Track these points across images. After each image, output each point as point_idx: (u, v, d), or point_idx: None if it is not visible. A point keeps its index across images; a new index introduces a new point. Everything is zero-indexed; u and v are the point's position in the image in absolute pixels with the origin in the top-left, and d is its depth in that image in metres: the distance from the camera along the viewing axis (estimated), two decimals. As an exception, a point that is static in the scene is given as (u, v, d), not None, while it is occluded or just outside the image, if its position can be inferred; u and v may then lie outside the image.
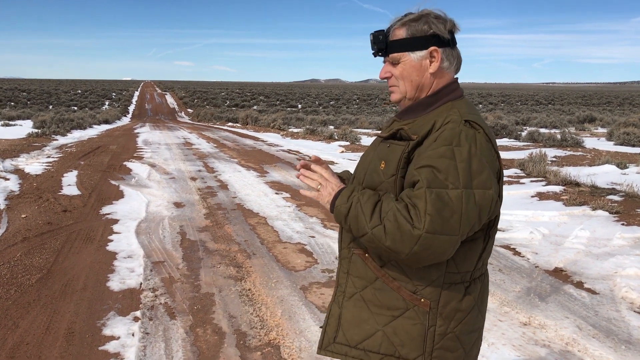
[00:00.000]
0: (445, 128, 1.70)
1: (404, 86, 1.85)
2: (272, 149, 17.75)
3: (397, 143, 1.79)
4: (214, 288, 5.06)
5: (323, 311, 4.54)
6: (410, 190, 1.66)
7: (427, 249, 1.61)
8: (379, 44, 1.84)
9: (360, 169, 1.91)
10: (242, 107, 55.71)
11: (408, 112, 1.87)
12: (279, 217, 7.88)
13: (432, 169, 1.63)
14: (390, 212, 1.63)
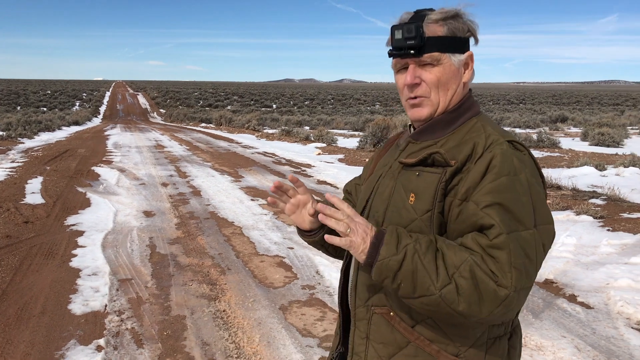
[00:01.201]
0: (494, 153, 1.38)
1: (438, 97, 1.50)
2: (247, 151, 17.35)
3: (431, 170, 1.44)
4: (185, 309, 4.68)
5: (304, 334, 4.20)
6: (480, 236, 1.33)
7: (508, 308, 1.31)
8: (416, 39, 1.44)
9: (377, 203, 1.54)
10: (215, 107, 55.07)
11: (427, 131, 1.53)
12: (255, 226, 7.51)
13: (503, 208, 1.33)
14: (464, 267, 1.30)
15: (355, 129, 27.21)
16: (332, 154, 16.13)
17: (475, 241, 1.33)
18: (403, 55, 1.48)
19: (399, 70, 1.54)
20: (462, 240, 1.35)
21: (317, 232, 1.72)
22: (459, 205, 1.38)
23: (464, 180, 1.39)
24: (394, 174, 1.54)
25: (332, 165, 13.60)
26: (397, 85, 1.56)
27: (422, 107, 1.51)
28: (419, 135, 1.54)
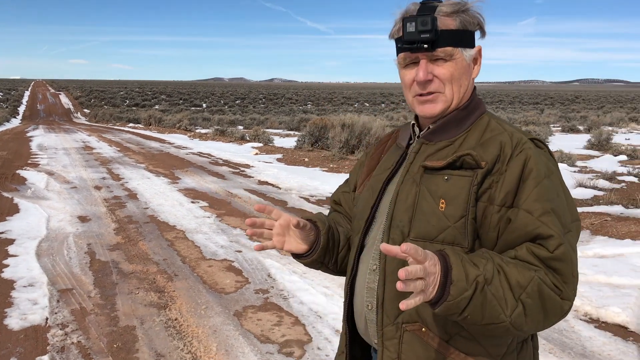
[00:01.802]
0: (527, 154, 1.33)
1: (452, 93, 1.42)
2: (180, 151, 16.92)
3: (461, 174, 1.35)
4: (134, 319, 4.45)
5: (263, 341, 4.08)
6: (537, 247, 1.27)
7: (564, 318, 1.32)
8: (431, 32, 1.35)
9: (400, 212, 1.41)
10: (143, 107, 53.55)
11: (440, 131, 1.45)
12: (198, 229, 7.29)
13: (555, 215, 1.28)
14: (531, 286, 1.23)
15: (290, 128, 27.13)
16: (270, 153, 15.98)
17: (533, 253, 1.27)
18: (415, 50, 1.39)
19: (407, 65, 1.44)
20: (517, 253, 1.28)
21: (314, 250, 1.57)
22: (499, 211, 1.31)
23: (499, 183, 1.32)
24: (415, 179, 1.42)
25: (272, 165, 13.46)
26: (404, 82, 1.46)
27: (436, 102, 1.42)
28: (433, 136, 1.46)
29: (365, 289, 1.47)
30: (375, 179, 1.57)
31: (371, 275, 1.46)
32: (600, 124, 26.57)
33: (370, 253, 1.48)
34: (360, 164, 1.73)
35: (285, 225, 1.51)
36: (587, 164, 13.28)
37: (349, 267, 1.56)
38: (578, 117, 33.60)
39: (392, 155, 1.57)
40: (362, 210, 1.56)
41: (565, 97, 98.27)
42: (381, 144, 1.67)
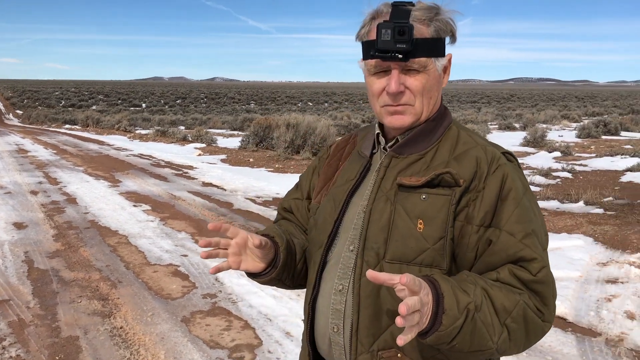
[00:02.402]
0: (504, 172, 1.31)
1: (422, 105, 1.35)
2: (120, 153, 16.47)
3: (439, 192, 1.30)
4: (77, 329, 4.30)
5: (212, 346, 4.02)
6: (519, 269, 1.26)
7: (539, 339, 1.30)
8: (407, 43, 1.27)
9: (375, 232, 1.33)
10: (79, 108, 51.81)
11: (410, 144, 1.38)
12: (142, 234, 7.11)
13: (535, 236, 1.28)
14: (517, 311, 1.21)
15: (233, 128, 26.85)
16: (213, 154, 15.77)
17: (515, 276, 1.25)
18: (388, 59, 1.30)
19: (376, 73, 1.36)
20: (499, 276, 1.26)
21: (273, 268, 1.45)
22: (478, 232, 1.28)
23: (477, 202, 1.29)
24: (389, 197, 1.34)
25: (216, 166, 13.29)
26: (371, 90, 1.38)
27: (405, 115, 1.36)
28: (403, 149, 1.39)
29: (331, 310, 1.38)
30: (337, 190, 1.47)
31: (337, 296, 1.37)
32: (535, 121, 27.58)
33: (334, 271, 1.39)
34: (314, 169, 1.63)
35: (242, 244, 1.38)
36: (524, 161, 13.74)
37: (310, 285, 1.46)
38: (514, 115, 34.75)
39: (354, 165, 1.48)
40: (323, 223, 1.46)
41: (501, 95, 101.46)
42: (338, 150, 1.58)
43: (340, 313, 1.36)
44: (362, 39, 1.37)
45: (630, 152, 13.93)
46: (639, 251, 5.90)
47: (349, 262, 1.37)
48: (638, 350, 3.94)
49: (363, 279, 1.31)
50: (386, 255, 1.31)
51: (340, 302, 1.36)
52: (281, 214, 1.71)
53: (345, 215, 1.42)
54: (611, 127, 21.58)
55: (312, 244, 1.50)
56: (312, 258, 1.48)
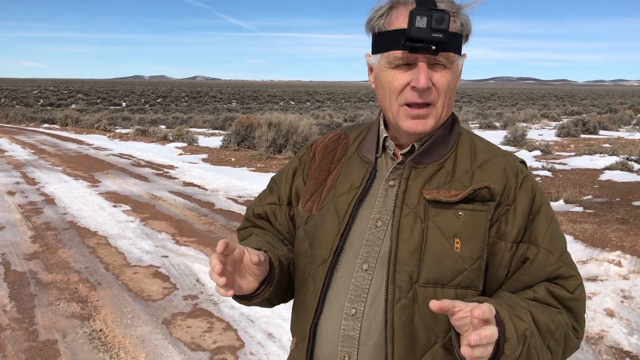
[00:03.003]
0: (531, 184, 1.27)
1: (443, 106, 1.24)
2: (100, 153, 16.29)
3: (476, 208, 1.21)
4: (55, 333, 4.22)
5: (194, 348, 3.98)
6: (556, 287, 1.22)
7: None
8: (444, 32, 1.15)
9: (405, 253, 1.20)
10: (58, 107, 51.20)
11: (429, 152, 1.27)
12: (122, 235, 7.02)
13: (569, 254, 1.25)
14: (560, 333, 1.17)
15: (215, 127, 26.70)
16: (194, 153, 15.66)
17: (551, 294, 1.21)
18: (418, 50, 1.17)
19: (398, 67, 1.22)
20: (536, 295, 1.21)
21: (266, 287, 1.30)
22: (511, 249, 1.22)
23: (509, 217, 1.23)
24: (418, 214, 1.22)
25: (197, 166, 13.19)
26: (392, 85, 1.23)
27: (428, 119, 1.23)
28: (422, 158, 1.27)
29: (341, 337, 1.24)
30: (339, 199, 1.31)
31: (349, 321, 1.23)
32: (515, 120, 27.82)
33: (344, 293, 1.24)
34: (294, 171, 1.46)
35: (239, 260, 1.22)
36: (505, 160, 13.84)
37: (310, 307, 1.28)
38: (494, 114, 35.05)
39: (356, 170, 1.33)
40: (324, 237, 1.29)
41: (481, 94, 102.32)
42: (329, 152, 1.41)
43: (353, 340, 1.22)
44: (381, 29, 1.23)
45: (609, 151, 14.11)
46: (618, 249, 5.97)
47: (362, 284, 1.23)
48: (618, 347, 3.98)
49: (397, 306, 1.19)
50: (420, 279, 1.19)
51: (354, 328, 1.22)
52: (252, 221, 1.51)
53: (352, 229, 1.27)
54: (590, 126, 21.85)
55: (306, 258, 1.32)
56: (308, 274, 1.31)
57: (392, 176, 1.29)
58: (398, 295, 1.19)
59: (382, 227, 1.25)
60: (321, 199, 1.34)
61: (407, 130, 1.25)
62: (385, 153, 1.33)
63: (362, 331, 1.22)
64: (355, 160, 1.35)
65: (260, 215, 1.48)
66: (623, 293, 4.91)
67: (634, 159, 12.82)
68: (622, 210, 7.77)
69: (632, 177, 10.83)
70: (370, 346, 1.21)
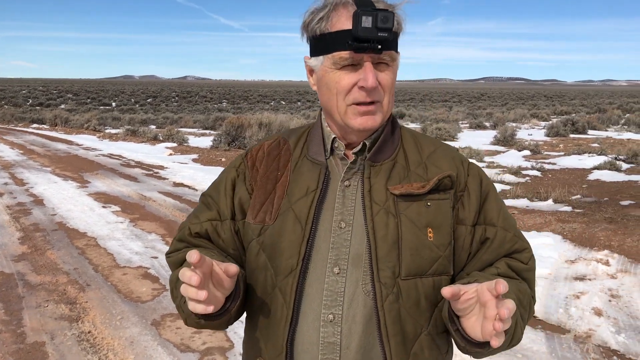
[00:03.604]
0: (477, 169, 1.35)
1: (388, 103, 1.27)
2: (90, 153, 16.20)
3: (442, 197, 1.27)
4: (43, 335, 4.20)
5: (183, 350, 3.97)
6: (512, 260, 1.30)
7: None
8: (389, 32, 1.17)
9: (383, 250, 1.21)
10: (48, 107, 50.83)
11: (382, 149, 1.30)
12: (111, 236, 6.99)
13: (517, 228, 1.35)
14: (526, 299, 1.26)
15: (205, 127, 26.61)
16: (184, 153, 15.61)
17: (510, 267, 1.29)
18: (366, 49, 1.18)
19: (344, 67, 1.22)
20: (499, 271, 1.28)
21: (232, 304, 1.22)
22: (471, 232, 1.28)
23: (465, 203, 1.29)
24: (388, 209, 1.24)
25: (187, 166, 13.15)
26: (338, 86, 1.23)
27: (376, 115, 1.24)
28: (377, 155, 1.29)
29: (321, 345, 1.22)
30: (296, 204, 1.27)
31: (328, 327, 1.21)
32: (505, 120, 27.95)
33: (318, 300, 1.22)
34: (233, 183, 1.38)
35: (208, 273, 1.12)
36: (494, 159, 13.92)
37: (285, 320, 1.24)
38: (484, 113, 35.18)
39: (308, 173, 1.30)
40: (288, 245, 1.25)
41: (471, 94, 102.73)
42: (272, 159, 1.36)
43: (335, 346, 1.21)
44: (323, 32, 1.23)
45: (597, 151, 14.21)
46: (606, 248, 6.02)
47: (336, 288, 1.22)
48: (605, 346, 4.01)
49: (385, 304, 1.20)
50: (402, 273, 1.21)
51: (334, 333, 1.21)
52: (189, 241, 1.38)
53: (316, 234, 1.25)
54: (579, 126, 21.99)
55: (266, 271, 1.27)
56: (273, 288, 1.26)
57: (347, 176, 1.28)
58: (385, 292, 1.20)
59: (346, 228, 1.24)
60: (274, 208, 1.29)
61: (357, 127, 1.24)
62: (334, 154, 1.32)
63: (343, 335, 1.21)
64: (304, 164, 1.33)
65: (199, 233, 1.38)
66: (611, 292, 4.95)
67: (622, 159, 12.93)
68: (610, 209, 7.83)
69: (620, 177, 10.92)
70: (353, 349, 1.21)
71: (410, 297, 1.21)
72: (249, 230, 1.32)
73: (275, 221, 1.27)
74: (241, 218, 1.35)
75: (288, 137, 1.40)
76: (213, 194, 1.40)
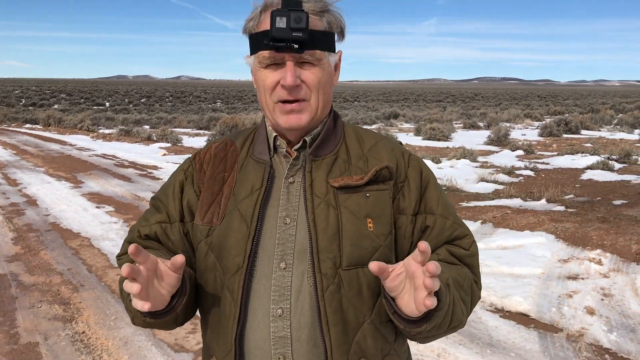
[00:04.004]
0: (417, 161, 1.38)
1: (317, 101, 1.29)
2: (83, 153, 16.15)
3: (380, 188, 1.30)
4: (37, 335, 4.19)
5: (177, 350, 3.97)
6: (454, 247, 1.34)
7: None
8: (304, 31, 1.20)
9: (324, 242, 1.24)
10: (41, 107, 50.63)
11: (324, 145, 1.33)
12: (105, 236, 6.98)
13: (456, 215, 1.39)
14: (467, 284, 1.30)
15: (199, 127, 26.55)
16: (178, 154, 15.58)
17: (452, 254, 1.33)
18: (283, 49, 1.22)
19: (269, 66, 1.26)
20: (440, 257, 1.31)
21: (178, 300, 1.23)
22: (412, 221, 1.32)
23: (405, 193, 1.33)
24: (329, 202, 1.27)
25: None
26: (263, 84, 1.28)
27: (302, 113, 1.27)
28: (319, 150, 1.32)
29: (272, 340, 1.24)
30: (242, 203, 1.30)
31: (278, 322, 1.24)
32: (498, 120, 28.04)
33: (266, 296, 1.24)
34: (181, 186, 1.40)
35: (152, 270, 1.14)
36: (488, 159, 13.97)
37: (233, 317, 1.26)
38: (478, 114, 35.28)
39: (253, 173, 1.33)
40: (235, 244, 1.27)
41: (465, 94, 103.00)
42: (219, 161, 1.39)
43: (285, 340, 1.24)
44: (251, 31, 1.29)
45: (590, 151, 14.28)
46: (598, 247, 6.05)
47: (283, 282, 1.24)
48: (597, 345, 4.03)
49: (326, 294, 1.23)
50: (343, 263, 1.24)
51: (284, 327, 1.23)
52: (138, 243, 1.35)
53: (261, 231, 1.28)
54: (572, 126, 22.08)
55: (215, 271, 1.29)
56: (222, 287, 1.28)
57: (290, 173, 1.32)
58: (326, 283, 1.22)
59: (291, 223, 1.27)
60: (221, 209, 1.32)
61: (284, 125, 1.29)
62: (278, 153, 1.35)
63: (293, 328, 1.23)
64: (249, 164, 1.36)
65: (148, 235, 1.40)
66: (603, 291, 4.98)
67: (615, 159, 13.00)
68: (602, 209, 7.88)
69: (612, 177, 10.98)
70: (304, 341, 1.24)
71: (352, 287, 1.24)
72: (197, 232, 1.34)
73: (222, 221, 1.30)
74: (190, 220, 1.37)
75: (235, 139, 1.43)
76: (162, 197, 1.42)
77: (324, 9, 1.27)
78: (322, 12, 1.26)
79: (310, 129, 1.32)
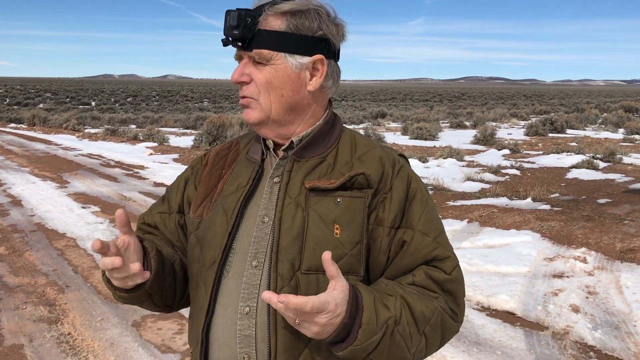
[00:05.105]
0: (408, 173, 1.32)
1: (269, 101, 1.28)
2: (69, 153, 16.01)
3: (353, 195, 1.26)
4: (22, 337, 4.16)
5: (164, 351, 3.95)
6: (434, 270, 1.25)
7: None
8: (239, 29, 1.24)
9: (287, 241, 1.23)
10: (25, 106, 50.14)
11: (310, 147, 1.32)
12: (91, 236, 6.92)
13: (444, 235, 1.30)
14: (435, 319, 1.20)
15: (186, 126, 26.43)
16: (165, 153, 15.50)
17: (430, 277, 1.24)
18: (232, 45, 1.28)
19: (238, 61, 1.33)
20: (415, 279, 1.24)
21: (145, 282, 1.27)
22: (389, 234, 1.26)
23: (386, 204, 1.27)
24: (299, 203, 1.25)
25: (168, 166, 13.07)
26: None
27: (252, 110, 1.30)
28: (304, 152, 1.31)
29: (238, 338, 1.23)
30: (226, 199, 1.33)
31: (245, 320, 1.23)
32: (485, 119, 28.20)
33: (236, 292, 1.24)
34: (186, 180, 1.47)
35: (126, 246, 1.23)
36: (474, 159, 14.05)
37: (202, 310, 1.28)
38: (464, 113, 35.43)
39: (244, 170, 1.36)
40: (213, 237, 1.30)
41: (452, 94, 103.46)
42: (220, 159, 1.44)
43: (251, 339, 1.22)
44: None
45: (575, 150, 14.42)
46: (583, 246, 6.11)
47: (253, 281, 1.23)
48: (582, 342, 4.07)
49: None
50: (302, 266, 1.21)
51: (249, 326, 1.22)
52: (142, 229, 1.48)
53: (240, 227, 1.29)
54: (557, 125, 22.27)
55: (197, 263, 1.32)
56: (199, 278, 1.31)
57: (275, 173, 1.32)
58: (280, 283, 1.20)
59: (268, 222, 1.27)
60: (212, 204, 1.36)
61: (244, 119, 1.34)
62: (270, 153, 1.36)
63: (258, 328, 1.22)
64: (242, 162, 1.39)
65: (149, 224, 1.48)
66: (588, 289, 5.03)
67: (599, 158, 13.13)
68: (587, 207, 7.95)
69: (597, 175, 11.10)
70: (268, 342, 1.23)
71: (309, 292, 1.18)
72: (189, 224, 1.40)
73: (209, 215, 1.35)
74: (188, 213, 1.43)
75: (241, 139, 1.47)
76: (169, 190, 1.50)
77: (293, 10, 1.25)
78: (288, 12, 1.25)
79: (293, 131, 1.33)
